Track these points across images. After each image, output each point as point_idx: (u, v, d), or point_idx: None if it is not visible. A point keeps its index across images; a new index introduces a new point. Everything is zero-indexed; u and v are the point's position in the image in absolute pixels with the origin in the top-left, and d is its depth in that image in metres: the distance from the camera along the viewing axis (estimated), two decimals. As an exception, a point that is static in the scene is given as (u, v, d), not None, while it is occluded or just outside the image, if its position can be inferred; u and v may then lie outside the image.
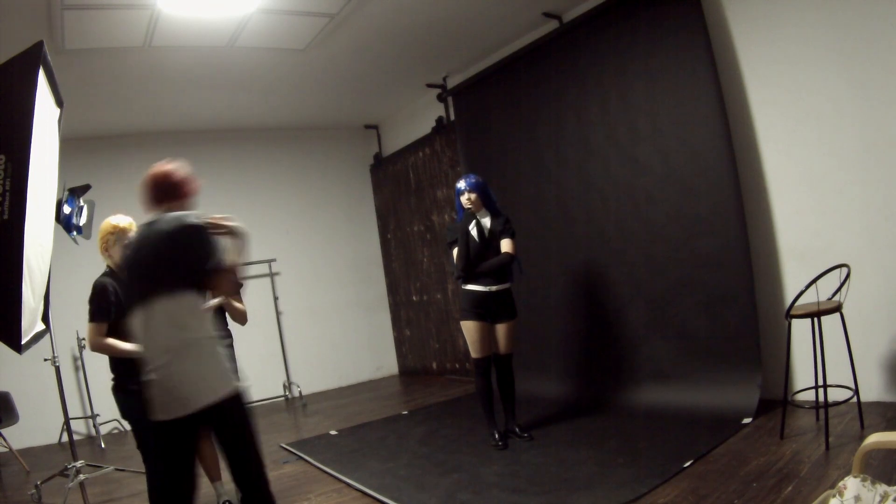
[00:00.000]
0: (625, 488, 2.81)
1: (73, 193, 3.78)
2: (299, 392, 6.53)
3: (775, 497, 2.45)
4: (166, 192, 2.24)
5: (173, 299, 2.08)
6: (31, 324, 2.84)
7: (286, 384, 6.67)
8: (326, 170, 7.35)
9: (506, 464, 3.42)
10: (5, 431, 4.76)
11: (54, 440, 5.48)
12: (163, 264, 2.11)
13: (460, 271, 3.72)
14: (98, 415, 5.59)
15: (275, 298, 6.68)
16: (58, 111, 3.22)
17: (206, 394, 2.04)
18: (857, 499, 1.41)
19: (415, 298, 7.11)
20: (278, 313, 6.67)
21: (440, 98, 6.18)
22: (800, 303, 3.03)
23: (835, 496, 1.45)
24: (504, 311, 3.79)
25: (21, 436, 5.09)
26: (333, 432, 4.76)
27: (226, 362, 2.13)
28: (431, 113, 6.41)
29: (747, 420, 3.49)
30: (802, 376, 3.66)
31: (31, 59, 2.46)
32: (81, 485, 3.42)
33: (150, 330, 2.10)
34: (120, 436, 5.72)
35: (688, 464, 3.00)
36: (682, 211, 4.02)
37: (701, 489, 2.68)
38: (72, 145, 5.36)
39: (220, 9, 3.90)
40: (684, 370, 4.03)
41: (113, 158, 6.15)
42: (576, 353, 4.78)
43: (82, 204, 3.87)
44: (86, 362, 5.68)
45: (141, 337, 2.15)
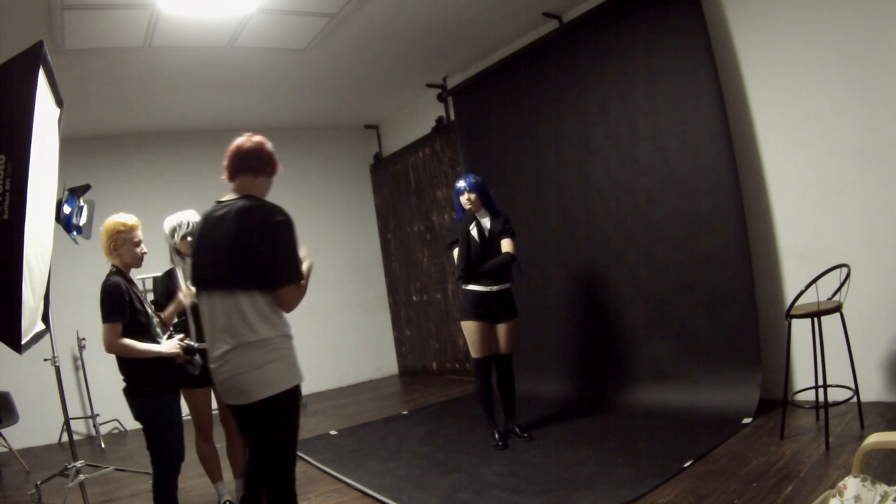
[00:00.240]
0: (625, 488, 2.81)
1: (73, 193, 3.77)
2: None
3: (775, 497, 2.45)
4: (257, 164, 2.17)
5: (247, 297, 2.03)
6: (31, 324, 2.84)
7: (286, 384, 6.66)
8: (326, 170, 7.34)
9: (506, 464, 3.42)
10: (5, 431, 4.76)
11: (54, 440, 5.48)
12: (243, 256, 2.03)
13: (461, 272, 3.72)
14: (98, 415, 5.59)
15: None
16: (58, 111, 3.22)
17: (264, 388, 2.03)
18: (857, 499, 1.41)
19: (415, 298, 7.11)
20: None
21: (440, 98, 6.18)
22: (800, 303, 3.03)
23: (835, 496, 1.45)
24: (504, 311, 3.79)
25: (21, 436, 5.09)
26: (333, 432, 4.76)
27: (288, 359, 2.11)
28: (431, 113, 6.41)
29: (747, 420, 3.49)
30: (802, 376, 3.66)
31: (31, 59, 2.46)
32: (81, 485, 3.42)
33: (216, 318, 2.08)
34: (120, 436, 5.73)
35: (688, 464, 3.00)
36: (682, 211, 4.02)
37: (701, 489, 2.68)
38: (72, 145, 5.37)
39: (220, 9, 3.90)
40: (684, 370, 4.03)
41: (113, 158, 6.16)
42: (576, 353, 4.78)
43: (82, 204, 3.87)
44: (86, 362, 5.68)
45: (206, 322, 2.14)
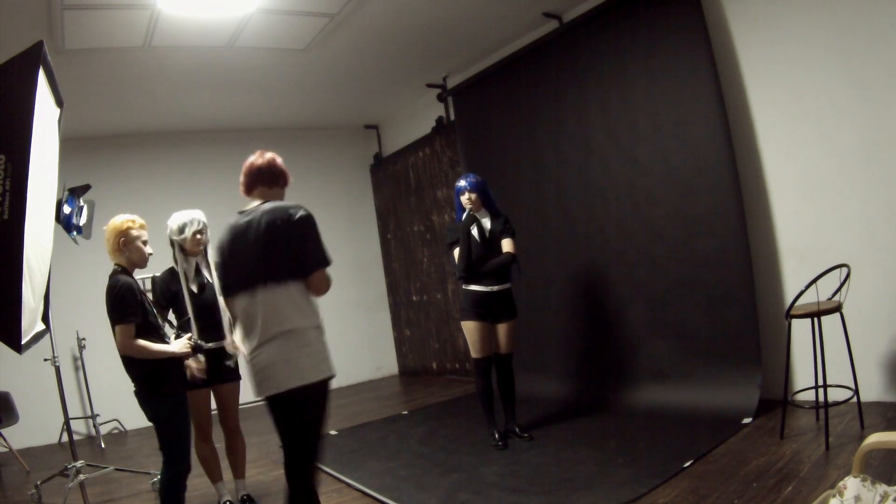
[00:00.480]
0: (625, 488, 2.81)
1: (73, 193, 3.78)
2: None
3: (775, 497, 2.45)
4: (269, 177, 2.36)
5: (281, 288, 2.15)
6: (31, 324, 2.84)
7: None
8: (326, 170, 7.34)
9: (506, 464, 3.42)
10: (5, 431, 4.76)
11: (54, 440, 5.48)
12: (274, 252, 2.16)
13: (462, 271, 3.72)
14: (98, 415, 5.59)
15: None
16: (58, 111, 3.22)
17: (296, 377, 2.13)
18: (857, 499, 1.41)
19: (415, 298, 7.11)
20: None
21: (440, 98, 6.18)
22: (800, 303, 3.03)
23: (835, 496, 1.45)
24: (504, 311, 3.79)
25: (21, 436, 5.09)
26: (333, 432, 4.76)
27: (319, 351, 2.20)
28: (431, 113, 6.41)
29: (747, 420, 3.49)
30: (802, 376, 3.66)
31: (31, 59, 2.46)
32: (81, 485, 3.42)
33: (254, 315, 2.19)
34: (120, 436, 5.73)
35: (688, 464, 3.00)
36: (682, 211, 4.02)
37: (701, 489, 2.68)
38: (72, 145, 5.37)
39: (220, 9, 3.90)
40: (684, 370, 4.03)
41: (113, 158, 6.16)
42: (576, 353, 4.78)
43: (82, 204, 3.87)
44: (86, 362, 5.68)
45: (242, 321, 2.25)
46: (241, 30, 4.25)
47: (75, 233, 3.82)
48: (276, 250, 2.16)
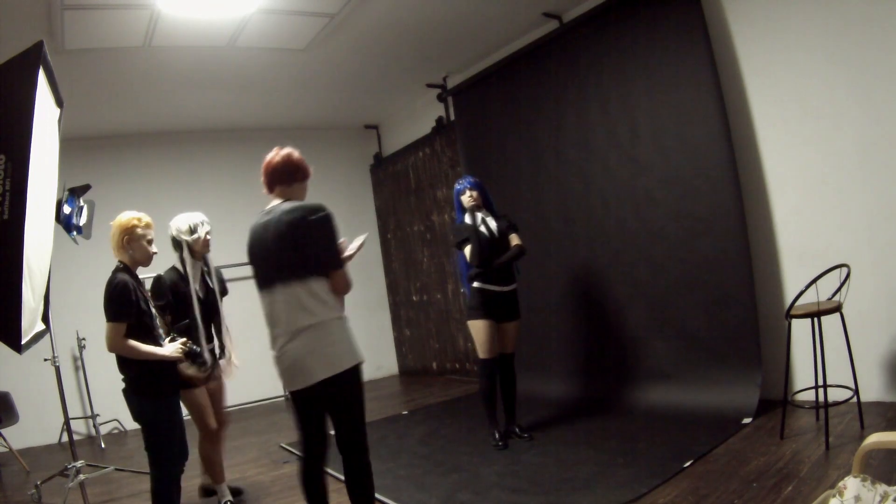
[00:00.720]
0: (625, 488, 2.81)
1: (73, 193, 3.77)
2: (299, 392, 6.52)
3: (775, 497, 2.45)
4: (287, 175, 2.40)
5: (301, 285, 2.21)
6: (31, 324, 2.84)
7: (286, 384, 6.67)
8: (326, 170, 7.33)
9: (506, 464, 3.42)
10: (5, 431, 4.76)
11: (54, 440, 5.48)
12: (290, 251, 2.22)
13: (476, 267, 3.69)
14: (98, 415, 5.59)
15: (275, 298, 6.68)
16: (58, 111, 3.22)
17: (325, 368, 2.20)
18: (857, 499, 1.41)
19: (415, 298, 7.11)
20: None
21: (440, 98, 6.18)
22: (800, 303, 3.03)
23: (835, 496, 1.45)
24: (511, 311, 3.80)
25: (21, 436, 5.09)
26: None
27: (346, 340, 2.28)
28: (431, 113, 6.41)
29: (747, 420, 3.49)
30: (802, 376, 3.66)
31: (31, 59, 2.46)
32: (81, 485, 3.42)
33: (277, 312, 2.27)
34: (120, 436, 5.73)
35: (688, 464, 3.00)
36: (682, 211, 4.02)
37: (701, 489, 2.68)
38: (72, 145, 5.36)
39: (220, 9, 3.90)
40: (684, 370, 4.03)
41: (113, 158, 6.16)
42: (576, 353, 4.78)
43: (82, 204, 3.87)
44: (86, 362, 5.68)
45: (268, 317, 2.32)
46: (241, 30, 4.25)
47: (75, 233, 3.81)
48: (293, 251, 2.21)
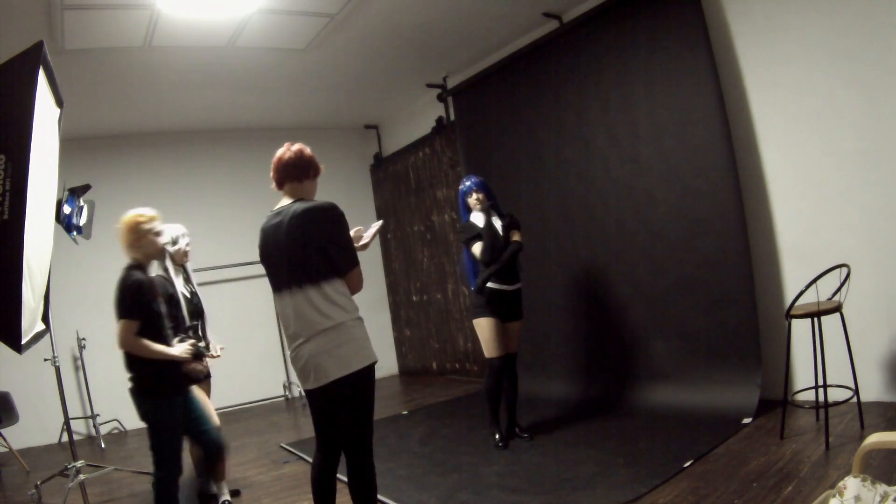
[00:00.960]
0: (625, 488, 2.81)
1: (73, 193, 3.77)
2: (299, 392, 6.53)
3: (775, 497, 2.45)
4: (298, 170, 2.35)
5: (314, 288, 2.21)
6: (31, 324, 2.84)
7: (286, 384, 6.67)
8: (326, 170, 7.24)
9: (506, 464, 3.42)
10: (5, 431, 4.76)
11: (54, 440, 5.48)
12: (303, 254, 2.22)
13: (486, 264, 3.66)
14: (98, 415, 5.59)
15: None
16: (58, 111, 3.22)
17: (339, 368, 2.21)
18: (857, 499, 1.41)
19: (415, 298, 7.11)
20: (278, 314, 6.68)
21: (440, 98, 6.18)
22: (800, 303, 3.03)
23: (835, 496, 1.45)
24: (516, 310, 3.80)
25: (21, 436, 5.09)
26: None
27: (361, 340, 2.29)
28: (431, 113, 6.41)
29: (747, 420, 3.49)
30: (802, 376, 3.66)
31: (31, 59, 2.46)
32: (81, 485, 3.42)
33: (291, 315, 2.27)
34: (120, 436, 5.73)
35: (688, 464, 3.00)
36: (682, 211, 4.02)
37: (701, 489, 2.68)
38: (72, 145, 5.37)
39: (220, 9, 3.90)
40: (684, 370, 4.03)
41: (113, 158, 6.16)
42: (576, 353, 4.78)
43: (82, 204, 3.87)
44: (86, 362, 5.68)
45: (283, 319, 2.33)
46: (241, 30, 4.25)
47: (75, 233, 3.81)
48: (306, 254, 2.21)
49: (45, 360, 3.57)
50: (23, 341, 2.53)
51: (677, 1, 3.90)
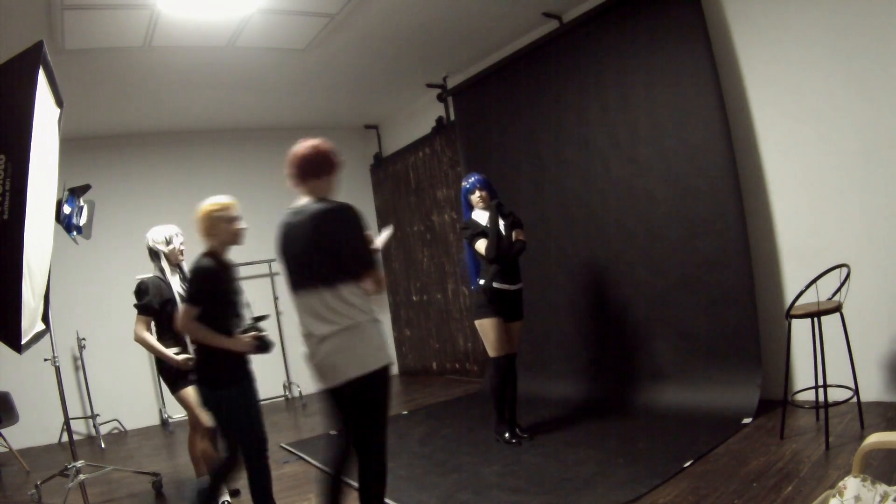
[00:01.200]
0: (625, 488, 2.81)
1: (73, 193, 3.77)
2: (299, 392, 6.53)
3: (775, 497, 2.45)
4: (315, 167, 2.34)
5: (330, 290, 2.23)
6: (31, 324, 2.84)
7: (286, 384, 6.67)
8: (326, 170, 7.33)
9: (506, 464, 3.42)
10: (5, 431, 4.76)
11: (54, 440, 5.48)
12: (320, 256, 2.23)
13: (492, 260, 3.65)
14: (98, 415, 5.59)
15: (275, 298, 6.68)
16: (58, 111, 3.22)
17: (354, 368, 2.23)
18: (857, 499, 1.41)
19: (415, 298, 7.11)
20: (278, 313, 6.67)
21: (440, 98, 6.18)
22: (800, 303, 3.03)
23: (835, 496, 1.45)
24: (517, 310, 3.80)
25: (21, 436, 5.09)
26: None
27: (376, 341, 2.30)
28: (431, 113, 6.41)
29: (747, 420, 3.49)
30: (802, 376, 3.66)
31: (31, 59, 2.46)
32: (81, 485, 3.42)
33: (307, 314, 2.29)
34: (120, 436, 5.73)
35: (688, 464, 3.00)
36: (682, 211, 4.02)
37: (701, 489, 2.68)
38: (72, 145, 5.37)
39: (220, 9, 3.90)
40: (684, 370, 4.03)
41: (113, 158, 6.16)
42: (575, 353, 4.77)
43: (82, 204, 3.87)
44: (86, 362, 5.68)
45: (300, 317, 2.33)
46: (241, 30, 4.25)
47: (75, 233, 3.81)
48: (324, 254, 2.23)
49: (45, 360, 3.56)
50: (23, 341, 2.53)
51: (677, 1, 3.90)
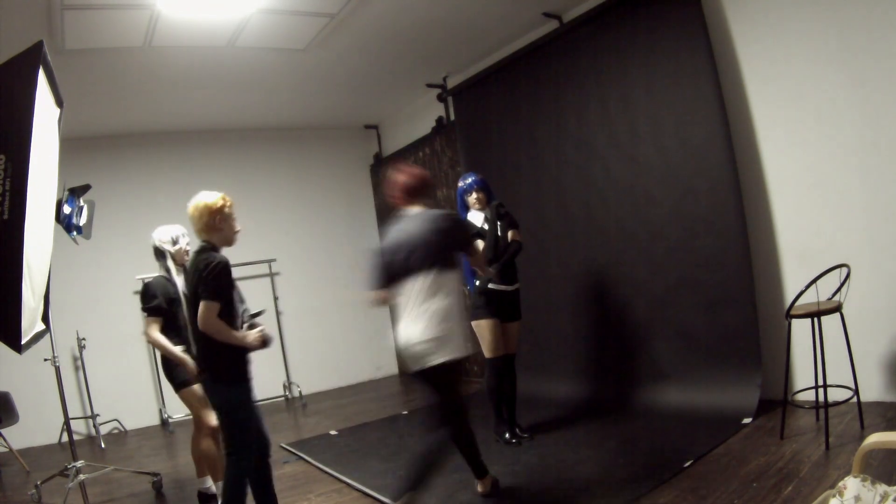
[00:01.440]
0: (625, 488, 2.81)
1: (73, 193, 3.77)
2: (299, 392, 6.53)
3: (775, 497, 2.45)
4: (427, 190, 2.93)
5: (440, 275, 2.68)
6: (31, 324, 2.84)
7: (286, 384, 6.67)
8: (326, 170, 7.34)
9: (506, 464, 3.42)
10: (5, 431, 4.76)
11: (54, 440, 5.48)
12: (439, 248, 2.71)
13: (488, 262, 3.64)
14: (98, 415, 5.59)
15: (275, 298, 6.68)
16: (58, 111, 3.22)
17: (437, 356, 2.65)
18: (857, 499, 1.41)
19: (415, 298, 7.09)
20: (278, 313, 6.68)
21: (440, 98, 6.18)
22: (800, 303, 3.03)
23: (835, 496, 1.45)
24: (514, 310, 3.80)
25: (21, 436, 5.09)
26: (333, 432, 4.76)
27: (459, 334, 2.71)
28: (431, 113, 6.41)
29: (747, 420, 3.49)
30: (802, 376, 3.66)
31: (31, 59, 2.46)
32: (81, 485, 3.42)
33: (414, 297, 2.69)
34: (120, 436, 5.73)
35: (688, 464, 3.00)
36: (682, 211, 4.02)
37: (701, 489, 2.68)
38: (72, 145, 5.36)
39: (220, 9, 3.89)
40: (684, 370, 4.03)
41: (113, 158, 6.16)
42: (575, 353, 4.77)
43: (82, 204, 3.87)
44: (86, 362, 5.68)
45: (405, 302, 2.72)
46: (241, 30, 4.25)
47: (75, 233, 3.81)
48: (438, 245, 2.70)
49: (45, 360, 3.56)
50: (23, 341, 2.53)
51: (677, 1, 3.90)
